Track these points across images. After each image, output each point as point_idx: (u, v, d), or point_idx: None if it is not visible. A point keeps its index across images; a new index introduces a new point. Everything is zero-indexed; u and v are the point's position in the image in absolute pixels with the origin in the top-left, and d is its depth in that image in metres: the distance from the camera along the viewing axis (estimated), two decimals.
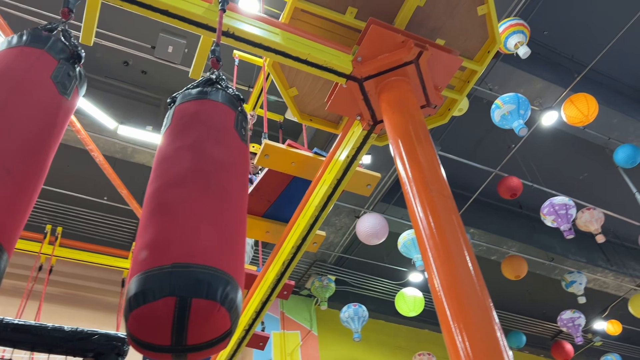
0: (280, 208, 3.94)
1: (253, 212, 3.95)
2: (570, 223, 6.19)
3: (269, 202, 3.90)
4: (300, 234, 3.21)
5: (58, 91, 1.45)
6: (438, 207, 1.99)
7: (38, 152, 1.30)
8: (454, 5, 2.77)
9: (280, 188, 3.80)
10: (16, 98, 1.32)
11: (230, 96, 1.63)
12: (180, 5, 2.25)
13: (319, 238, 3.79)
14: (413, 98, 2.54)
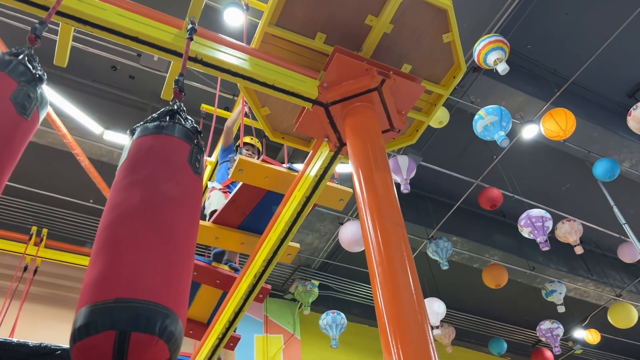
0: (255, 220, 4.05)
1: (228, 224, 4.05)
2: (546, 235, 6.32)
3: (244, 214, 4.00)
4: (271, 247, 3.31)
5: (17, 112, 1.53)
6: (389, 235, 2.09)
7: None
8: (419, 32, 2.87)
9: (255, 201, 3.91)
10: None
11: (186, 130, 1.71)
12: (150, 32, 2.34)
13: (293, 250, 3.91)
14: (376, 124, 2.65)
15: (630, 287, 10.08)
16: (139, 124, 1.75)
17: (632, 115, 5.46)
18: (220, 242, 4.06)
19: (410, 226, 8.38)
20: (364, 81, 2.62)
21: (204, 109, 5.81)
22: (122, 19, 2.30)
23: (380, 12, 2.74)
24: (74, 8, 2.19)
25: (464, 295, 10.32)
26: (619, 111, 8.04)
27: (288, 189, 3.32)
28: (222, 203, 3.97)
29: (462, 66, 3.01)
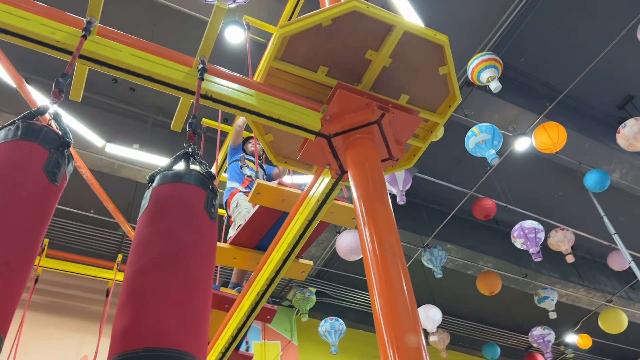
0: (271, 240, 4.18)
1: (245, 245, 4.17)
2: (538, 246, 6.48)
3: (260, 235, 4.13)
4: (274, 267, 3.45)
5: (49, 180, 1.64)
6: (389, 267, 2.22)
7: (32, 241, 1.51)
8: (417, 66, 3.00)
9: (271, 222, 4.04)
10: (13, 195, 1.51)
11: (202, 176, 1.85)
12: (162, 71, 2.47)
13: (306, 267, 4.06)
14: (376, 154, 2.78)
15: (620, 293, 10.28)
16: (158, 171, 1.87)
17: (620, 132, 5.63)
18: (237, 263, 4.20)
19: (406, 234, 8.55)
20: (364, 114, 2.76)
21: (204, 123, 5.93)
22: (136, 59, 2.42)
23: (380, 48, 2.87)
24: (91, 50, 2.32)
25: (458, 301, 10.49)
26: (609, 122, 8.23)
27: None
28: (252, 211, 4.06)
29: (457, 96, 3.15)
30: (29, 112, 1.83)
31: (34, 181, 1.62)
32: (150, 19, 6.25)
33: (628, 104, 8.17)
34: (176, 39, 6.39)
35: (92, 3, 2.32)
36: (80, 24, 2.35)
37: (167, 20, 6.26)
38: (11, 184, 1.56)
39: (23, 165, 1.62)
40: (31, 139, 1.69)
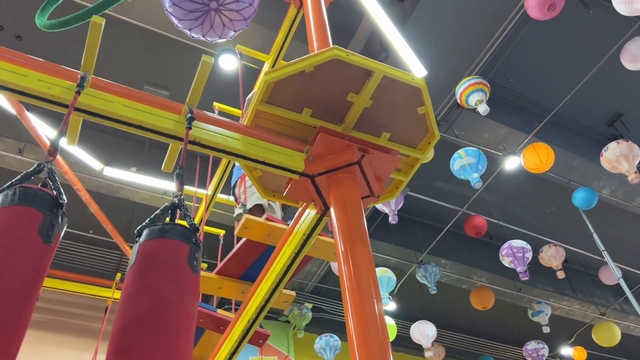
0: (255, 271, 4.34)
1: (230, 275, 4.35)
2: (525, 265, 6.62)
3: (245, 266, 4.30)
4: (263, 297, 3.58)
5: (43, 242, 1.77)
6: (367, 310, 2.36)
7: (26, 303, 1.64)
8: (396, 107, 3.15)
9: (256, 254, 4.21)
10: (10, 260, 1.64)
11: (185, 231, 1.99)
12: (152, 120, 2.61)
13: (289, 297, 4.23)
14: (357, 192, 2.92)
15: (614, 306, 10.38)
16: (145, 225, 2.01)
17: (603, 156, 5.78)
18: (223, 292, 4.36)
19: (400, 250, 8.68)
20: (345, 156, 2.90)
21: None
22: (127, 109, 2.57)
23: (361, 91, 3.02)
24: (85, 104, 2.47)
25: (453, 314, 10.60)
26: (598, 139, 8.38)
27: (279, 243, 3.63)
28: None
29: (436, 134, 3.30)
30: (25, 173, 1.97)
31: (29, 245, 1.75)
32: (146, 45, 6.41)
33: (617, 121, 8.32)
34: (171, 63, 6.55)
35: (86, 59, 2.47)
36: (75, 77, 2.50)
37: (162, 45, 6.43)
38: (8, 249, 1.69)
39: (19, 231, 1.75)
40: (27, 203, 1.81)
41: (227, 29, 3.43)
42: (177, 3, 3.24)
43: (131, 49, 6.25)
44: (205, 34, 3.41)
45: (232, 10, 3.33)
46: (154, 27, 6.07)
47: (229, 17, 3.33)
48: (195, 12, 3.31)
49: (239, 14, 3.37)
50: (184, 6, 3.28)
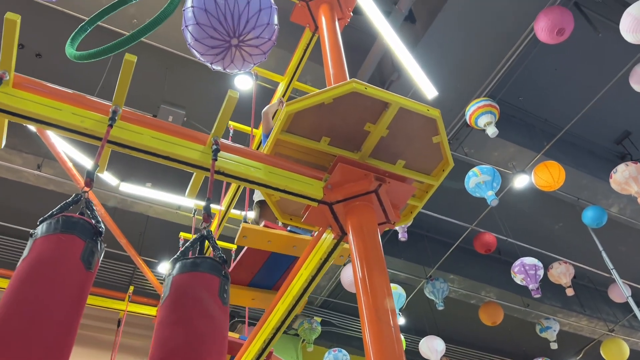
0: (263, 277, 4.44)
1: (239, 283, 4.44)
2: (538, 283, 6.67)
3: (252, 273, 4.39)
4: (279, 318, 3.66)
5: (85, 269, 1.88)
6: (384, 336, 2.44)
7: (70, 328, 1.74)
8: (412, 136, 3.25)
9: (261, 261, 4.30)
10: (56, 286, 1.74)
11: (215, 264, 2.09)
12: (179, 152, 2.72)
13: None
14: (374, 219, 3.02)
15: (623, 322, 10.37)
16: (176, 258, 2.11)
17: (613, 178, 5.84)
18: (233, 299, 4.45)
19: (409, 265, 8.74)
20: (363, 185, 3.00)
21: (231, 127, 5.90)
22: (155, 141, 2.68)
23: (377, 121, 3.12)
24: (117, 136, 2.58)
25: (462, 329, 10.63)
26: (607, 157, 8.43)
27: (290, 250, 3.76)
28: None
29: (450, 162, 3.39)
30: (65, 202, 2.08)
31: (73, 271, 1.85)
32: (163, 64, 6.55)
33: (625, 139, 8.38)
34: (187, 82, 6.69)
35: (118, 94, 2.58)
36: (106, 110, 2.61)
37: (178, 64, 6.57)
38: (54, 276, 1.80)
39: (64, 258, 1.85)
40: (70, 231, 1.91)
41: (247, 62, 3.54)
42: (199, 39, 3.35)
43: (147, 68, 6.39)
44: (226, 67, 3.53)
45: (252, 46, 3.44)
46: (170, 48, 6.21)
47: (249, 52, 3.44)
48: (217, 48, 3.42)
49: (259, 48, 3.48)
50: (206, 42, 3.39)
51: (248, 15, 3.45)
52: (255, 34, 3.43)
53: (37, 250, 1.84)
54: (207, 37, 3.37)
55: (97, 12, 3.34)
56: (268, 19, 3.51)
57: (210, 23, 3.32)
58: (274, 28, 3.59)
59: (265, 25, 3.49)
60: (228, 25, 3.37)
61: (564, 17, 5.15)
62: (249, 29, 3.39)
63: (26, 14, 6.08)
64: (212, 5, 3.35)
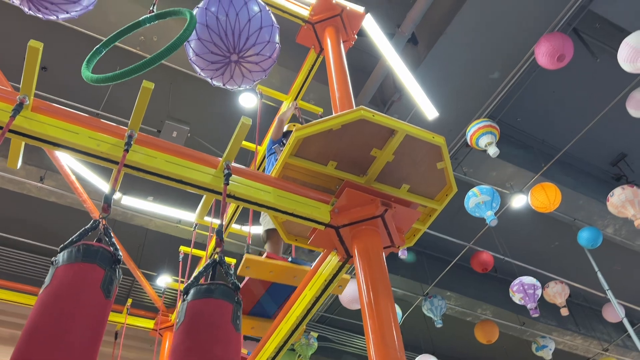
0: (263, 306, 4.48)
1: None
2: (536, 302, 6.73)
3: (252, 302, 4.44)
4: (282, 337, 3.71)
5: (104, 297, 1.93)
6: None
7: (91, 355, 1.79)
8: (417, 161, 3.33)
9: (262, 290, 4.35)
10: (76, 314, 1.80)
11: (228, 290, 2.14)
12: (192, 175, 2.78)
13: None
14: (379, 243, 3.08)
15: (617, 342, 10.43)
16: (191, 284, 2.16)
17: (610, 201, 5.94)
18: None
19: (406, 282, 8.79)
20: (369, 209, 3.07)
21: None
22: (169, 165, 2.74)
23: (384, 147, 3.20)
24: (132, 160, 2.64)
25: (457, 346, 10.66)
26: (603, 178, 8.55)
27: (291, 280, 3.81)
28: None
29: (453, 187, 3.47)
30: (84, 229, 2.13)
31: (93, 300, 1.90)
32: (167, 80, 6.63)
33: (621, 161, 8.50)
34: (192, 98, 6.76)
35: (134, 119, 2.65)
36: (121, 133, 2.67)
37: (183, 80, 6.64)
38: (76, 305, 1.84)
39: (85, 287, 1.90)
40: (90, 260, 1.96)
41: (246, 79, 3.61)
42: (200, 54, 3.43)
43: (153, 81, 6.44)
44: (225, 82, 3.59)
45: (252, 63, 3.51)
46: (174, 64, 6.29)
47: (249, 68, 3.51)
48: (217, 64, 3.48)
49: (258, 65, 3.55)
50: (207, 57, 3.46)
51: (249, 32, 3.52)
52: (256, 50, 3.50)
53: (59, 279, 1.88)
54: (207, 52, 3.44)
55: (113, 35, 3.40)
56: (269, 37, 3.58)
57: (211, 39, 3.40)
58: (275, 46, 3.66)
59: (266, 43, 3.56)
60: (228, 41, 3.44)
61: (564, 43, 5.27)
62: (249, 46, 3.45)
63: (30, 27, 6.16)
64: (214, 21, 3.42)
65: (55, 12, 3.01)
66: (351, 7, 4.93)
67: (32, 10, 2.99)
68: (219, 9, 3.46)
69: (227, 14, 3.46)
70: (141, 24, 3.58)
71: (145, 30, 5.62)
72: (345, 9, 4.87)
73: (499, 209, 6.49)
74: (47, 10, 2.93)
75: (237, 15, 3.48)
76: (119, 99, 6.73)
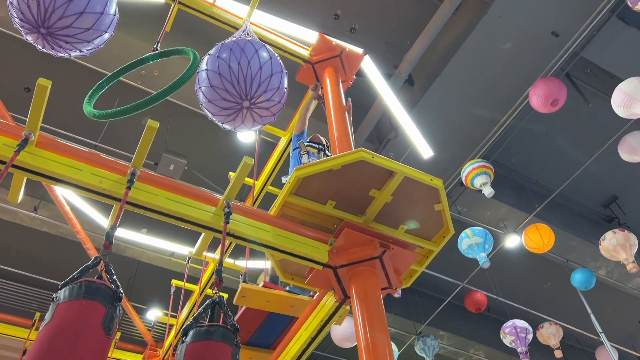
0: (260, 336, 4.43)
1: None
2: (526, 346, 6.69)
3: (249, 332, 4.38)
4: None
5: (105, 335, 1.91)
6: None
7: None
8: (414, 203, 3.35)
9: (259, 320, 4.30)
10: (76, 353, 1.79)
11: (227, 332, 2.13)
12: (192, 213, 2.78)
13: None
14: (377, 284, 3.08)
15: None
16: (190, 325, 2.15)
17: (602, 245, 5.99)
18: None
19: (400, 320, 8.71)
20: (367, 250, 3.07)
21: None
22: (169, 202, 2.74)
23: (383, 188, 3.23)
24: (134, 197, 2.65)
25: None
26: (596, 220, 8.62)
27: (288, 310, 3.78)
28: None
29: (450, 229, 3.49)
30: (85, 266, 2.12)
31: (94, 338, 1.88)
32: (165, 113, 6.69)
33: (613, 203, 8.59)
34: (189, 131, 6.81)
35: (137, 157, 2.67)
36: (123, 170, 2.69)
37: (180, 114, 6.71)
38: (76, 343, 1.82)
39: (86, 325, 1.88)
40: (92, 297, 1.95)
41: (256, 123, 3.65)
42: (212, 100, 3.48)
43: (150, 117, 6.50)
44: (236, 127, 3.64)
45: (263, 108, 3.56)
46: (172, 98, 6.36)
47: (259, 113, 3.56)
48: (229, 110, 3.53)
49: (269, 110, 3.61)
50: (219, 104, 3.51)
51: (260, 80, 3.59)
52: (267, 97, 3.56)
53: (60, 315, 1.87)
54: (219, 99, 3.49)
55: (115, 71, 3.46)
56: (279, 83, 3.65)
57: (224, 86, 3.46)
58: (283, 91, 3.72)
59: (276, 89, 3.63)
60: (240, 88, 3.50)
61: (559, 89, 5.40)
62: (261, 92, 3.51)
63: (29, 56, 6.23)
64: (226, 69, 3.48)
65: (67, 50, 3.06)
66: (350, 48, 5.04)
67: (46, 48, 3.04)
68: (231, 57, 3.53)
69: (239, 62, 3.52)
70: (145, 61, 3.64)
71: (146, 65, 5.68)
72: (344, 50, 4.97)
73: (493, 248, 6.52)
74: (61, 48, 2.99)
75: (248, 63, 3.54)
76: (117, 130, 6.77)
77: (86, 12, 3.09)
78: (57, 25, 3.02)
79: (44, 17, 2.96)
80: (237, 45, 3.60)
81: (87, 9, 3.09)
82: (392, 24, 6.52)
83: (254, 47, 3.63)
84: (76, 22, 3.06)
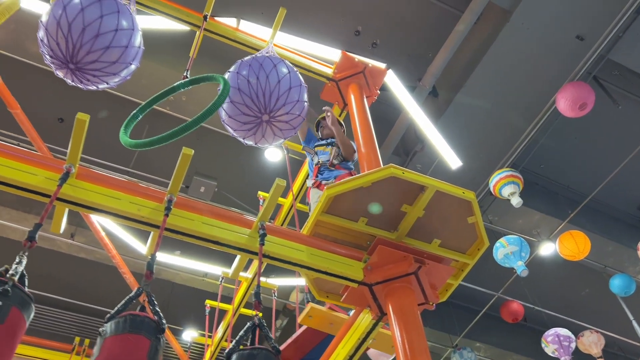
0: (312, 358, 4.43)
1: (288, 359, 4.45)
2: (570, 355, 6.53)
3: (303, 352, 4.39)
4: None
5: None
6: None
7: None
8: (448, 215, 3.34)
9: (316, 341, 4.31)
10: None
11: (271, 355, 2.15)
12: (227, 236, 2.83)
13: None
14: (414, 301, 3.07)
15: None
16: (233, 349, 2.17)
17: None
18: None
19: (435, 333, 8.60)
20: (402, 266, 3.07)
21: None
22: (206, 227, 2.80)
23: (414, 203, 3.23)
24: (172, 223, 2.71)
25: None
26: (631, 223, 8.40)
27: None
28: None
29: (485, 241, 3.46)
30: (128, 298, 2.17)
31: None
32: (194, 135, 6.80)
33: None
34: (218, 154, 6.91)
35: (173, 184, 2.74)
36: (159, 197, 2.76)
37: (210, 137, 6.83)
38: None
39: (132, 358, 1.94)
40: (137, 331, 2.00)
41: (277, 137, 3.71)
42: (232, 116, 3.55)
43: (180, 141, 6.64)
44: (257, 142, 3.70)
45: (283, 122, 3.61)
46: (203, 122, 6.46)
47: (280, 127, 3.61)
48: (249, 124, 3.60)
49: (289, 124, 3.66)
50: (239, 119, 3.58)
51: (279, 93, 3.65)
52: (286, 110, 3.62)
53: (107, 350, 1.92)
54: (240, 114, 3.56)
55: (148, 100, 3.56)
56: (298, 96, 3.70)
57: (243, 101, 3.53)
58: (303, 105, 3.77)
59: (295, 102, 3.68)
60: (260, 102, 3.56)
61: (585, 92, 5.33)
62: (280, 106, 3.57)
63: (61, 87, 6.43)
64: (245, 84, 3.55)
65: (95, 84, 3.16)
66: (373, 64, 5.07)
67: (75, 82, 3.15)
68: (250, 73, 3.61)
69: (258, 77, 3.60)
70: (176, 89, 3.75)
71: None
72: (367, 66, 5.01)
73: (527, 256, 6.40)
74: (89, 82, 3.09)
75: (267, 77, 3.62)
76: (149, 155, 6.92)
77: (112, 47, 3.20)
78: (85, 60, 3.13)
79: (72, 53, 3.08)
80: (256, 61, 3.67)
81: (113, 43, 3.21)
82: (413, 37, 6.55)
83: (272, 62, 3.70)
84: (103, 57, 3.17)
